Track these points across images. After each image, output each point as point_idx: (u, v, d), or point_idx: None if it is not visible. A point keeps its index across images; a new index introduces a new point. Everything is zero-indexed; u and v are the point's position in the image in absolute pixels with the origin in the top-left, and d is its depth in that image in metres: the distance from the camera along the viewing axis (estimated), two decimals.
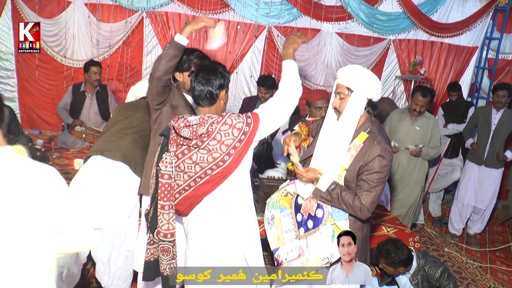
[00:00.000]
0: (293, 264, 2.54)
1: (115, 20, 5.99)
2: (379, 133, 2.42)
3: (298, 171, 2.44)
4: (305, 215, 2.51)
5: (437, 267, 3.15)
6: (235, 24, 6.20)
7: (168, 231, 2.27)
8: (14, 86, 5.95)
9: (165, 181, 2.22)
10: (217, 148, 2.13)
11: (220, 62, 2.34)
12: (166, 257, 2.33)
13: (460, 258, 4.92)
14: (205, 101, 2.22)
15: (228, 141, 2.13)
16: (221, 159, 2.15)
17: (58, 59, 5.93)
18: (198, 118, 2.16)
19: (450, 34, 6.56)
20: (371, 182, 2.33)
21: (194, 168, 2.19)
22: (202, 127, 2.12)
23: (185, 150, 2.18)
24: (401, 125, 4.64)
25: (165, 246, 2.31)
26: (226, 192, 2.25)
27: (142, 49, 6.15)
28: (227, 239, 2.29)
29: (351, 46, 6.51)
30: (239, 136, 2.14)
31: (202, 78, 2.20)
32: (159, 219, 2.26)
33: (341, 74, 2.42)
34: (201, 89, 2.20)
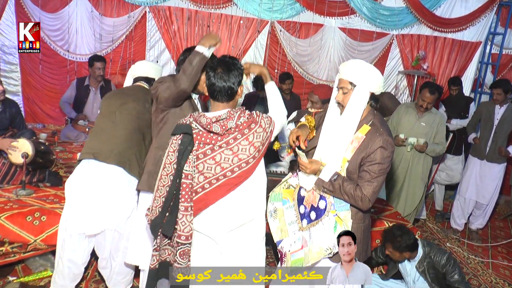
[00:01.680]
0: (297, 255, 2.56)
1: (118, 15, 6.00)
2: (381, 125, 2.43)
3: (302, 162, 2.45)
4: (308, 207, 2.52)
5: (443, 254, 3.20)
6: (237, 19, 6.19)
7: (189, 233, 2.20)
8: (17, 80, 5.98)
9: (188, 182, 2.16)
10: (246, 149, 2.17)
11: (234, 57, 2.33)
12: (184, 260, 2.24)
13: (462, 253, 4.94)
14: (225, 97, 2.22)
15: (257, 143, 2.19)
16: (246, 161, 2.18)
17: (61, 53, 5.94)
18: (226, 112, 2.17)
19: (454, 29, 6.54)
20: (372, 172, 2.35)
21: (214, 169, 2.17)
22: (231, 121, 2.14)
23: (208, 151, 2.16)
24: (407, 120, 4.63)
25: (185, 249, 2.22)
26: (242, 194, 2.25)
27: (145, 43, 6.16)
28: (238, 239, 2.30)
29: (354, 41, 6.50)
30: (266, 138, 2.23)
31: (223, 75, 2.19)
32: (181, 222, 2.17)
33: (343, 69, 2.43)
34: (222, 85, 2.19)
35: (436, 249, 3.25)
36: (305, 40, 6.45)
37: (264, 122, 2.26)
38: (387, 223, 3.84)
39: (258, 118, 2.25)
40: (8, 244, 3.16)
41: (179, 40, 6.14)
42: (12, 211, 3.18)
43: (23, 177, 3.52)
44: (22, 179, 3.53)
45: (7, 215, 3.14)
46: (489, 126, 5.14)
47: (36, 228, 3.15)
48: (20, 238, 3.13)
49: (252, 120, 2.22)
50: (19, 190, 3.49)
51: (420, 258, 3.26)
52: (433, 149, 4.53)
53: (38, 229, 3.14)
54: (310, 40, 6.39)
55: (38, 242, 3.15)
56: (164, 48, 6.19)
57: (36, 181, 3.64)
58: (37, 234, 3.15)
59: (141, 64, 3.30)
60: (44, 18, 5.82)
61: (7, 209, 3.20)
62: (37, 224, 3.15)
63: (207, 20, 6.15)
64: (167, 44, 6.15)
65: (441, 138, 4.59)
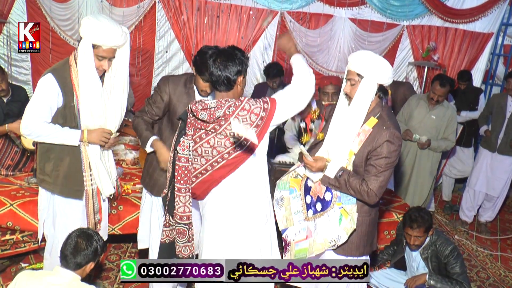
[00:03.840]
0: (301, 245, 2.57)
1: (127, 5, 6.00)
2: (388, 119, 2.42)
3: (307, 161, 2.45)
4: (314, 197, 2.53)
5: (448, 244, 3.20)
6: (247, 9, 6.17)
7: (184, 214, 2.30)
8: (28, 69, 6.03)
9: (182, 164, 2.25)
10: (233, 133, 2.15)
11: (239, 47, 2.34)
12: (181, 240, 2.36)
13: (470, 246, 4.92)
14: (222, 86, 2.23)
15: (247, 125, 2.15)
16: (239, 143, 2.18)
17: (71, 43, 5.96)
18: (215, 101, 2.18)
19: (465, 20, 6.46)
20: (379, 167, 2.34)
21: (211, 152, 2.22)
22: (219, 110, 2.14)
23: (203, 135, 2.20)
24: (417, 112, 4.59)
25: (180, 228, 2.34)
26: (243, 177, 2.28)
27: (155, 33, 6.16)
28: (241, 223, 2.32)
29: (364, 32, 6.45)
30: (256, 121, 2.18)
31: (220, 64, 2.21)
32: (175, 202, 2.29)
33: (351, 60, 2.43)
34: (218, 74, 2.21)
35: (443, 239, 3.26)
36: (315, 30, 6.42)
37: (249, 104, 2.18)
38: (396, 215, 3.84)
39: (242, 102, 2.18)
40: (19, 233, 3.20)
41: (188, 31, 6.14)
42: (24, 199, 3.23)
43: (34, 165, 3.56)
44: (33, 166, 3.58)
45: (19, 202, 3.19)
46: (501, 119, 5.09)
47: None
48: (30, 226, 3.18)
49: (240, 105, 2.19)
50: (31, 177, 3.54)
51: (425, 244, 3.27)
52: (437, 145, 4.50)
53: None
54: (320, 31, 6.35)
55: None
56: (173, 39, 6.19)
57: None
58: None
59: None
60: (54, 8, 5.84)
61: (19, 197, 3.24)
62: None
63: (217, 11, 6.13)
64: (176, 34, 6.15)
65: (450, 133, 4.53)
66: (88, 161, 2.69)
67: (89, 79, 2.57)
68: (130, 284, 3.35)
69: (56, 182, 2.68)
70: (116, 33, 2.54)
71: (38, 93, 2.55)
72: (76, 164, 2.68)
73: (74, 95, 2.58)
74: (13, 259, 3.49)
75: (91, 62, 2.55)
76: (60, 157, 2.67)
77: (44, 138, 2.58)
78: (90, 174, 2.71)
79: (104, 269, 3.59)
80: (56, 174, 2.67)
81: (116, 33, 2.54)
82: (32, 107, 2.54)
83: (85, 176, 2.70)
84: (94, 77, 2.59)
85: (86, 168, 2.69)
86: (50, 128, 2.55)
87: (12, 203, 3.17)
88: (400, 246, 3.46)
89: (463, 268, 3.18)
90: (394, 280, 3.48)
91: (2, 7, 5.68)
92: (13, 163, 3.73)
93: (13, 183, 3.51)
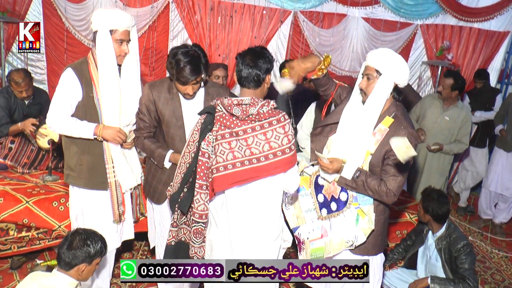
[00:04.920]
0: (317, 244, 2.57)
1: (141, 5, 6.04)
2: (404, 119, 2.42)
3: (323, 164, 2.44)
4: (328, 197, 2.52)
5: (462, 239, 3.20)
6: (260, 9, 6.18)
7: (203, 212, 2.24)
8: (43, 69, 6.10)
9: (205, 160, 2.20)
10: (260, 144, 2.14)
11: (264, 47, 2.37)
12: (198, 240, 2.31)
13: (485, 247, 4.87)
14: (251, 83, 2.24)
15: (274, 144, 2.14)
16: (257, 157, 2.15)
17: (85, 43, 6.02)
18: (249, 98, 2.18)
19: (480, 19, 6.39)
20: (397, 167, 2.34)
21: (226, 155, 2.17)
22: (253, 108, 2.14)
23: (226, 134, 2.17)
24: (431, 112, 4.54)
25: (198, 228, 2.28)
26: (269, 185, 2.24)
27: (168, 33, 6.19)
28: (255, 229, 2.29)
29: (377, 31, 6.42)
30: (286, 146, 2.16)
31: (250, 61, 2.22)
32: (195, 199, 2.23)
33: (371, 56, 2.42)
34: (249, 71, 2.22)
35: (459, 233, 3.26)
36: (328, 30, 6.40)
37: (288, 127, 2.18)
38: (408, 215, 3.83)
39: (284, 118, 2.17)
40: (34, 230, 3.25)
41: (201, 30, 6.16)
42: (39, 196, 3.28)
43: (50, 163, 3.62)
44: (48, 165, 3.63)
45: (35, 200, 3.23)
46: None
47: (61, 214, 3.24)
48: (45, 223, 3.22)
49: (275, 114, 2.17)
50: (46, 175, 3.59)
51: (440, 235, 3.27)
52: (450, 149, 4.45)
53: (63, 214, 3.23)
54: (333, 30, 6.33)
55: (62, 228, 3.23)
56: (187, 38, 6.21)
57: (62, 167, 3.73)
58: (61, 220, 3.24)
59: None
60: (69, 8, 5.90)
61: (34, 194, 3.29)
62: (62, 209, 3.24)
63: (230, 10, 6.15)
64: (190, 34, 6.17)
65: (463, 135, 4.47)
66: (110, 154, 2.79)
67: (108, 66, 2.70)
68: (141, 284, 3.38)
69: (80, 175, 2.82)
70: (126, 14, 2.76)
71: (59, 87, 2.71)
72: (99, 157, 2.79)
73: (93, 86, 2.71)
74: (29, 255, 3.54)
75: (111, 50, 2.69)
76: (82, 150, 2.80)
77: (65, 131, 2.72)
78: (113, 166, 2.81)
79: (117, 266, 3.62)
80: (80, 168, 2.80)
81: (126, 14, 2.76)
82: (54, 102, 2.70)
83: (107, 169, 2.80)
84: (113, 65, 2.72)
85: (108, 161, 2.79)
86: (70, 121, 2.69)
87: (28, 200, 3.22)
88: (420, 236, 3.45)
89: (472, 265, 3.15)
90: (405, 281, 3.47)
91: (19, 8, 5.77)
92: (29, 161, 3.79)
93: (29, 180, 3.56)
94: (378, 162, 2.41)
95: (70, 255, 2.23)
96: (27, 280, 2.23)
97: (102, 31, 2.67)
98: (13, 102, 3.90)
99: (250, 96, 2.21)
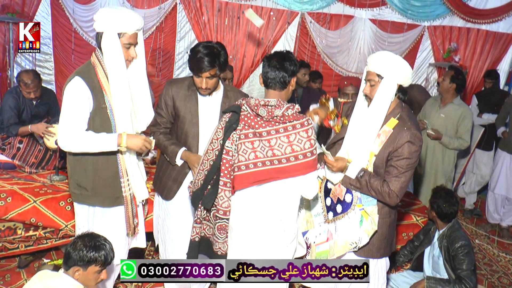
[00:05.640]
0: (322, 247, 2.58)
1: (149, 6, 6.08)
2: (409, 119, 2.42)
3: (328, 160, 2.45)
4: (334, 199, 2.53)
5: (461, 239, 3.16)
6: (268, 10, 6.19)
7: (227, 209, 2.27)
8: (51, 70, 6.15)
9: (229, 158, 2.23)
10: (283, 146, 2.16)
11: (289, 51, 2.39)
12: (222, 236, 2.32)
13: (492, 251, 4.84)
14: (277, 85, 2.26)
15: (296, 148, 2.17)
16: (279, 159, 2.17)
17: (93, 43, 6.05)
18: (275, 100, 2.21)
19: (488, 21, 6.37)
20: (400, 168, 2.34)
21: (248, 154, 2.19)
22: (278, 110, 2.17)
23: (250, 134, 2.20)
24: (430, 111, 4.56)
25: (222, 224, 2.30)
26: (288, 187, 2.26)
27: (175, 34, 6.23)
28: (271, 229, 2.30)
29: (384, 33, 6.41)
30: (308, 151, 2.18)
31: (277, 63, 2.25)
32: (219, 197, 2.25)
33: (371, 61, 2.43)
34: (276, 74, 2.24)
35: (460, 233, 3.22)
36: (335, 31, 6.40)
37: (311, 131, 2.20)
38: (415, 217, 3.82)
39: (307, 123, 2.20)
40: (41, 229, 3.27)
41: (209, 32, 6.18)
42: (46, 196, 3.30)
43: (57, 163, 3.64)
44: (56, 164, 3.65)
45: (42, 199, 3.26)
46: None
47: (68, 214, 3.25)
48: (52, 223, 3.24)
49: (299, 118, 2.20)
50: (53, 175, 3.62)
51: (441, 233, 3.27)
52: (448, 142, 4.39)
53: (70, 214, 3.24)
54: (340, 32, 6.34)
55: (69, 228, 3.24)
56: (194, 39, 6.24)
57: None
58: (68, 219, 3.25)
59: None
60: (77, 9, 5.95)
61: (42, 194, 3.31)
62: (69, 209, 3.26)
63: (237, 12, 6.17)
64: (197, 35, 6.20)
65: (463, 132, 4.41)
66: (125, 166, 2.57)
67: (118, 73, 2.45)
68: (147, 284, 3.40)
69: (96, 193, 2.58)
70: (136, 16, 2.49)
71: (69, 99, 2.41)
72: (114, 171, 2.57)
73: (105, 95, 2.46)
74: (36, 254, 3.56)
75: (120, 54, 2.43)
76: (96, 167, 2.55)
77: (84, 148, 2.43)
78: (127, 179, 2.61)
79: None
80: (95, 185, 2.57)
81: (136, 16, 2.49)
82: (66, 117, 2.41)
83: (122, 182, 2.58)
84: (124, 71, 2.46)
85: (123, 174, 2.57)
86: (87, 136, 2.42)
87: (36, 199, 3.24)
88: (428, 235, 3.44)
89: (470, 266, 3.11)
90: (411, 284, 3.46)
91: (28, 9, 5.82)
92: (37, 161, 3.82)
93: (37, 180, 3.59)
94: (382, 163, 2.41)
95: (67, 253, 2.22)
96: (34, 280, 2.24)
97: (110, 34, 2.40)
98: (22, 102, 3.93)
99: (276, 98, 2.24)
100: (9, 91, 4.09)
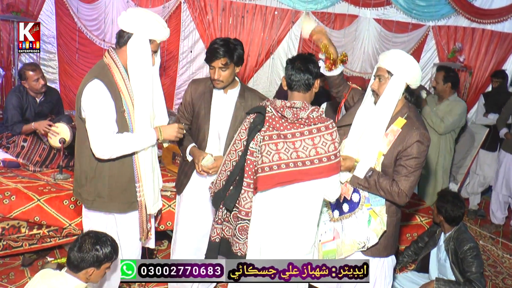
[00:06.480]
0: (328, 246, 2.56)
1: (153, 5, 6.09)
2: (416, 119, 2.41)
3: None
4: (340, 198, 2.52)
5: (469, 242, 3.14)
6: (272, 9, 6.18)
7: (249, 210, 2.26)
8: (55, 69, 6.17)
9: (253, 159, 2.23)
10: (308, 149, 2.16)
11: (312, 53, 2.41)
12: (242, 236, 2.31)
13: (496, 252, 4.82)
14: (302, 87, 2.26)
15: (320, 150, 2.17)
16: (303, 161, 2.17)
17: (97, 42, 6.08)
18: (301, 102, 2.21)
19: (493, 20, 6.34)
20: (409, 167, 2.33)
21: (272, 156, 2.18)
22: (303, 112, 2.18)
23: (274, 136, 2.19)
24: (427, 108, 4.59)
25: (244, 225, 2.29)
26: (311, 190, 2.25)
27: (179, 33, 6.24)
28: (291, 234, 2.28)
29: (388, 33, 6.40)
30: (332, 154, 2.18)
31: (302, 66, 2.25)
32: (243, 197, 2.25)
33: (382, 58, 2.43)
34: (300, 76, 2.25)
35: (467, 235, 3.21)
36: (339, 31, 6.39)
37: (336, 134, 2.21)
38: (419, 218, 3.81)
39: (332, 126, 2.20)
40: (45, 227, 3.27)
41: (213, 31, 6.18)
42: (50, 195, 3.30)
43: (61, 161, 3.65)
44: (60, 163, 3.66)
45: (46, 198, 3.26)
46: None
47: (71, 212, 3.25)
48: (56, 221, 3.24)
49: (324, 120, 2.20)
50: (57, 174, 3.62)
51: (448, 236, 3.25)
52: (428, 112, 4.43)
53: (74, 213, 3.24)
54: (345, 31, 6.33)
55: (73, 227, 3.24)
56: (198, 39, 6.24)
57: (73, 165, 3.76)
58: (72, 218, 3.25)
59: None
60: (81, 8, 5.96)
61: (46, 192, 3.32)
62: (73, 208, 3.26)
63: (242, 11, 6.17)
64: (201, 34, 6.20)
65: (445, 115, 4.43)
66: (140, 171, 2.51)
67: (145, 78, 2.39)
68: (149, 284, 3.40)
69: (113, 199, 2.53)
70: (166, 26, 2.46)
71: (93, 104, 2.33)
72: (129, 176, 2.51)
73: (123, 98, 2.37)
74: (40, 253, 3.57)
75: (149, 59, 2.38)
76: (112, 173, 2.48)
77: (125, 150, 2.38)
78: (142, 184, 2.55)
79: None
80: (111, 192, 2.51)
81: (166, 26, 2.46)
82: (96, 124, 2.32)
83: (138, 187, 2.52)
84: (150, 76, 2.41)
85: (139, 178, 2.52)
86: (124, 138, 2.37)
87: (40, 198, 3.24)
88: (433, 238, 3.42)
89: (479, 269, 3.10)
90: (416, 284, 3.44)
91: (33, 8, 5.83)
92: (41, 160, 3.83)
93: (40, 179, 3.59)
94: (391, 163, 2.40)
95: (78, 258, 2.18)
96: (36, 278, 2.24)
97: (141, 38, 2.34)
98: (25, 101, 3.94)
99: (301, 100, 2.24)
100: (13, 90, 4.09)
